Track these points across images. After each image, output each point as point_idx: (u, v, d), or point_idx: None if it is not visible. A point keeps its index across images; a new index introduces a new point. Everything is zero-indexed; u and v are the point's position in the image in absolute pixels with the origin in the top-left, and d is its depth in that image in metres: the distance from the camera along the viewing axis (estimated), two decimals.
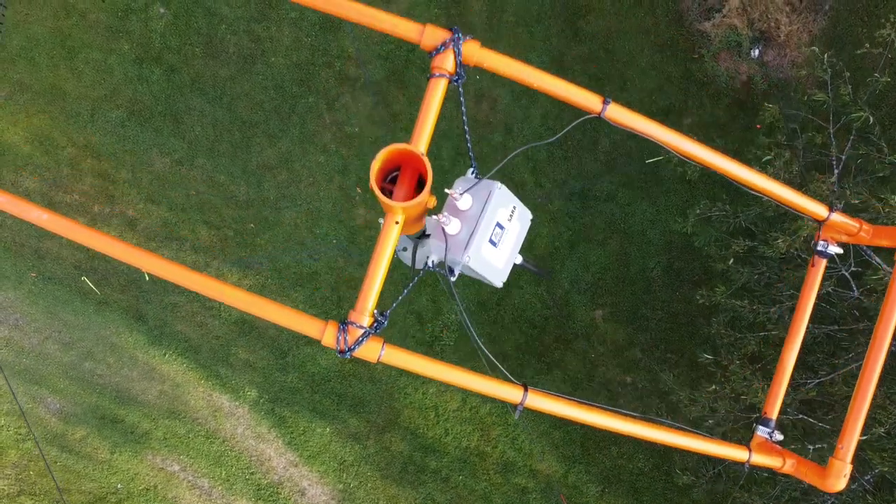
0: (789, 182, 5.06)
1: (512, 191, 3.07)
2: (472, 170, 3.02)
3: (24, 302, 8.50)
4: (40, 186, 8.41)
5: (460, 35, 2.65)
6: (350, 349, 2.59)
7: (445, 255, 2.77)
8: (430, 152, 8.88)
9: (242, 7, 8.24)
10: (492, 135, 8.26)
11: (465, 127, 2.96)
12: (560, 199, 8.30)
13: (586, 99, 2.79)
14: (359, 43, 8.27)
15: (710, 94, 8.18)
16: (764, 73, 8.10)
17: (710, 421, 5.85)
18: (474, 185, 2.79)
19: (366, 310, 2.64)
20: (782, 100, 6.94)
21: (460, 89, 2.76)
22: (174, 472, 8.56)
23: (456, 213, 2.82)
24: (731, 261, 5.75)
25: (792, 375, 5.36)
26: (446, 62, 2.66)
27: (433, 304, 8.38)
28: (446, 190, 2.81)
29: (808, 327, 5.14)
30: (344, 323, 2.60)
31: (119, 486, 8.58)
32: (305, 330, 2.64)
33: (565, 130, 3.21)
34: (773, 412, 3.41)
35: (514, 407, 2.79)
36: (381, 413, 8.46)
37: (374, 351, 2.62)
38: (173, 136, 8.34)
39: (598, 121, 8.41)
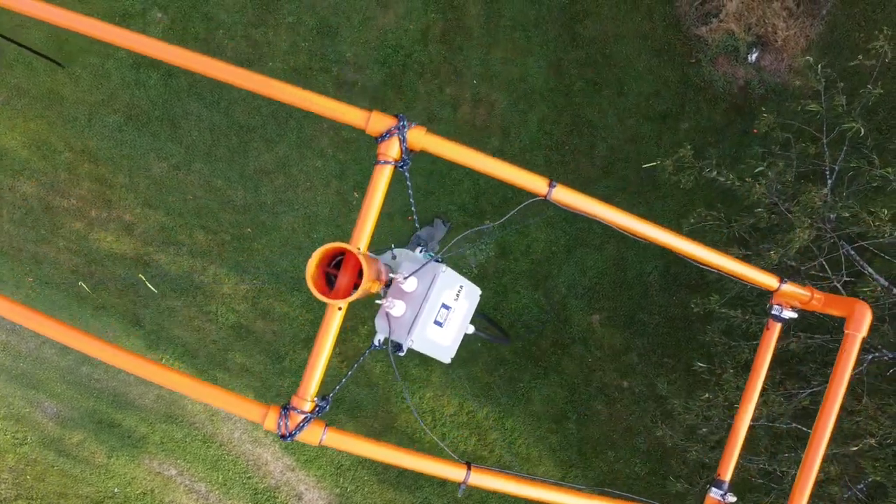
0: (782, 192, 5.05)
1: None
2: (420, 248, 3.08)
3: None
4: (37, 191, 8.42)
5: (405, 122, 2.68)
6: (291, 434, 2.65)
7: (390, 335, 2.82)
8: (427, 157, 8.86)
9: (240, 12, 8.25)
10: (489, 139, 8.26)
11: (414, 209, 3.05)
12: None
13: (532, 182, 2.84)
14: (356, 48, 8.27)
15: (707, 99, 8.18)
16: (761, 78, 8.10)
17: (705, 429, 5.84)
18: (419, 269, 2.81)
19: (308, 395, 2.69)
20: (778, 107, 6.94)
21: (406, 174, 2.80)
22: (171, 477, 8.57)
23: (401, 294, 2.84)
24: None
25: (785, 385, 5.38)
26: (391, 149, 2.69)
27: None
28: (391, 275, 2.84)
29: (801, 336, 5.16)
30: (286, 408, 2.65)
31: (116, 490, 8.58)
32: (247, 414, 2.68)
33: (511, 213, 3.25)
34: (727, 474, 3.42)
35: (459, 484, 2.83)
36: (378, 417, 8.47)
37: (315, 435, 2.66)
38: (170, 140, 8.34)
39: (594, 125, 8.39)
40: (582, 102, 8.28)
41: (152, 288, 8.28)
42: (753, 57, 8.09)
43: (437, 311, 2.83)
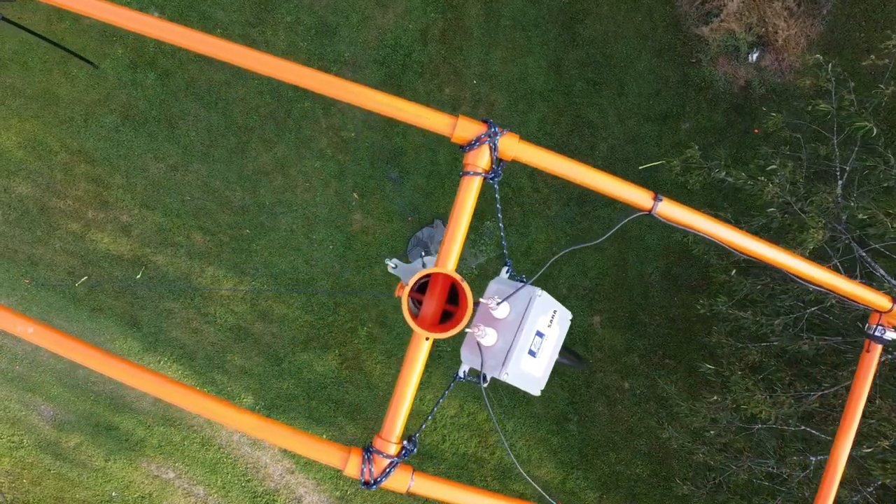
0: (793, 192, 5.02)
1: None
2: (506, 269, 2.75)
3: (17, 308, 8.41)
4: (33, 192, 8.33)
5: (496, 129, 2.46)
6: (376, 481, 2.40)
7: (482, 367, 2.54)
8: (427, 158, 8.87)
9: (238, 11, 8.18)
10: None
11: (501, 224, 2.81)
12: (557, 204, 8.26)
13: (637, 196, 2.61)
14: (355, 47, 8.22)
15: (708, 99, 8.16)
16: (762, 78, 8.09)
17: (712, 432, 5.81)
18: (513, 293, 2.55)
19: (392, 436, 2.45)
20: (785, 108, 6.92)
21: (496, 186, 2.53)
22: (169, 480, 8.49)
23: (491, 321, 2.58)
24: (734, 272, 5.70)
25: (794, 386, 5.34)
26: (480, 158, 2.46)
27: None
28: (482, 300, 2.59)
29: (811, 338, 5.12)
30: (368, 451, 2.42)
31: (114, 493, 8.50)
32: (326, 459, 2.44)
33: (612, 231, 2.99)
34: None
35: None
36: (378, 419, 8.41)
37: (402, 481, 2.42)
38: (168, 141, 8.27)
39: (595, 126, 8.36)
40: (582, 103, 8.25)
41: (139, 275, 8.22)
42: (754, 57, 8.07)
43: (531, 339, 2.56)
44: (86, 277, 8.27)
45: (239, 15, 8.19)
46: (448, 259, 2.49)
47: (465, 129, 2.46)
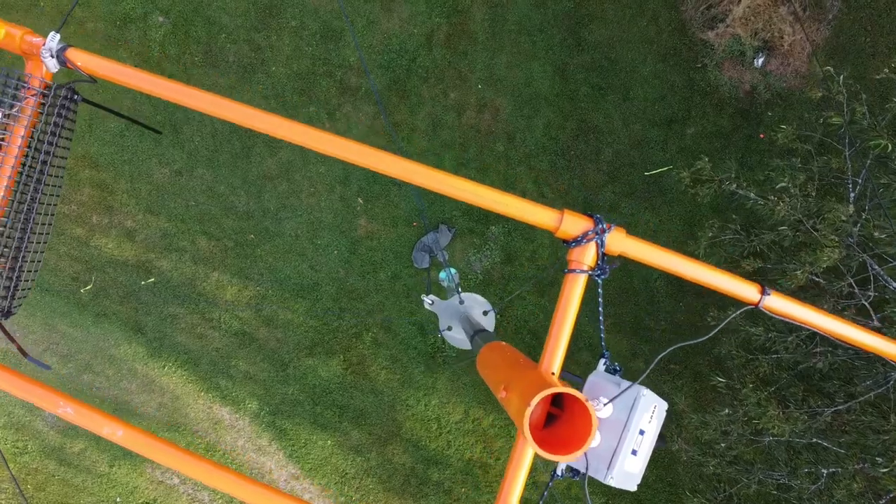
0: (805, 209, 4.99)
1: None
2: (603, 361, 2.65)
3: (21, 314, 8.41)
4: None
5: (604, 225, 2.40)
6: None
7: (587, 470, 2.47)
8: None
9: (242, 16, 8.16)
10: (494, 144, 8.21)
11: (601, 318, 2.67)
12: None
13: (744, 290, 2.55)
14: (360, 52, 8.20)
15: (714, 104, 8.14)
16: (767, 83, 8.07)
17: (723, 444, 5.78)
18: (619, 394, 2.48)
19: None
20: (791, 115, 6.87)
21: (599, 281, 2.47)
22: (174, 486, 8.48)
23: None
24: None
25: (808, 402, 5.30)
26: (586, 255, 2.42)
27: (436, 315, 8.31)
28: (590, 402, 2.50)
29: (826, 354, 5.06)
30: None
31: (118, 499, 8.49)
32: None
33: (719, 327, 2.87)
34: None
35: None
36: (383, 425, 8.40)
37: None
38: (172, 146, 8.26)
39: (600, 130, 8.26)
40: (587, 107, 8.23)
41: (143, 282, 8.20)
42: (760, 61, 8.06)
43: (634, 439, 2.46)
44: (90, 286, 8.25)
45: (244, 20, 8.17)
46: (551, 362, 2.42)
47: (571, 224, 2.42)
